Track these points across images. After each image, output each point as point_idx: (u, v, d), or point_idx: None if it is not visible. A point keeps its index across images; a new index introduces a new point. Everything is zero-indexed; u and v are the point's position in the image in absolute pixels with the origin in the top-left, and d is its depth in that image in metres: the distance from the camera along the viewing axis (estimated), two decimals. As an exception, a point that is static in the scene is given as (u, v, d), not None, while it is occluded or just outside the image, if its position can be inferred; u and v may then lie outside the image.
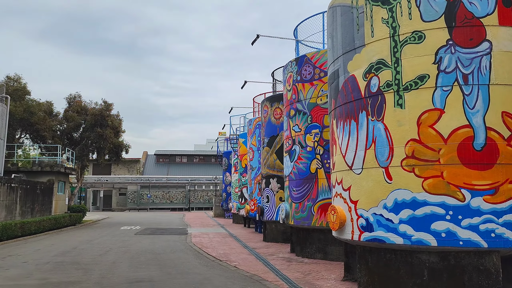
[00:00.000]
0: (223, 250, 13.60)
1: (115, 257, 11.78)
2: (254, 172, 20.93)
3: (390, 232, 6.88)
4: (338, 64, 8.31)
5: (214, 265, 10.45)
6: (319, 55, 11.79)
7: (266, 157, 16.81)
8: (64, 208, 25.65)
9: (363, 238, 7.29)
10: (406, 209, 6.74)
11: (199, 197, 67.28)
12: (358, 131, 7.57)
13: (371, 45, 7.48)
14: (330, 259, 11.11)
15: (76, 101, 28.84)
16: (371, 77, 7.42)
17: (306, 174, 11.67)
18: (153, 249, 13.68)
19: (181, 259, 11.49)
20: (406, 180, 6.79)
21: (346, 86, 7.96)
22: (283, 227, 15.97)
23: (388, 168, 7.01)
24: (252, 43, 14.17)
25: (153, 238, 17.88)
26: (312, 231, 11.58)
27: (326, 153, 11.32)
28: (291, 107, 12.48)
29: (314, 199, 11.37)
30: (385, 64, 7.24)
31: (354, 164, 7.62)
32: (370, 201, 7.23)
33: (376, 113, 7.28)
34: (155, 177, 66.25)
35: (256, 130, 21.12)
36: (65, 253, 12.56)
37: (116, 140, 29.06)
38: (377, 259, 7.28)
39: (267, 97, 17.44)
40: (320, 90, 11.63)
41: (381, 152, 7.14)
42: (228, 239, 17.68)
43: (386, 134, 7.10)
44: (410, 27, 7.03)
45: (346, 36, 8.05)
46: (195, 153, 78.91)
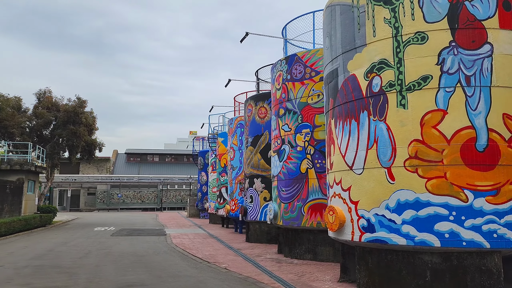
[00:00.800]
0: (208, 251, 13.31)
1: (96, 260, 11.30)
2: (235, 171, 20.70)
3: (392, 233, 6.85)
4: (337, 63, 8.22)
5: (203, 267, 10.17)
6: (310, 54, 11.71)
7: (250, 157, 16.63)
8: (34, 209, 24.57)
9: (364, 239, 7.23)
10: (409, 210, 6.72)
11: (172, 197, 66.29)
12: (359, 131, 7.50)
13: (373, 44, 7.43)
14: (320, 260, 11.05)
15: (46, 97, 27.70)
16: (373, 77, 7.38)
17: (296, 174, 11.56)
18: (134, 251, 13.23)
19: (167, 261, 11.14)
20: (409, 180, 6.77)
21: (346, 86, 7.89)
22: (267, 227, 15.83)
23: (391, 168, 6.97)
24: (241, 40, 13.94)
25: (131, 239, 17.34)
26: (302, 232, 11.48)
27: (317, 153, 11.26)
28: (280, 106, 12.34)
29: (304, 199, 11.27)
30: (387, 64, 7.20)
31: (354, 164, 7.55)
32: (371, 201, 7.18)
33: (378, 113, 7.23)
34: (126, 176, 64.79)
35: (237, 129, 20.89)
36: (42, 256, 11.94)
37: (89, 138, 28.11)
38: (377, 260, 7.23)
39: (251, 96, 17.26)
40: (311, 89, 11.55)
41: (383, 152, 7.09)
42: (210, 239, 17.38)
43: (388, 134, 7.06)
44: (413, 28, 7.02)
45: (346, 35, 7.98)
46: (167, 152, 77.77)
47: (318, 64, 11.53)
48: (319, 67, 11.51)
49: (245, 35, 13.41)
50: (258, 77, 18.25)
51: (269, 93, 16.40)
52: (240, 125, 20.76)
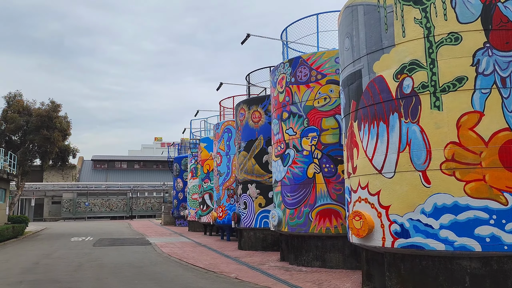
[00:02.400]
0: (206, 260, 12.76)
1: (94, 272, 10.53)
2: (222, 177, 20.19)
3: (430, 238, 6.65)
4: (360, 64, 8.01)
5: (212, 278, 9.66)
6: (315, 56, 11.49)
7: (243, 162, 16.21)
8: (5, 219, 23.05)
9: (398, 245, 7.00)
10: (447, 214, 6.54)
11: (142, 205, 64.55)
12: (389, 133, 7.30)
13: (403, 45, 7.27)
14: (329, 267, 10.76)
15: (17, 101, 26.20)
16: (403, 78, 7.20)
17: (302, 179, 11.26)
18: (129, 262, 12.49)
19: (170, 272, 10.53)
20: (446, 184, 6.60)
21: (372, 87, 7.68)
22: (262, 234, 15.43)
23: (426, 171, 6.79)
24: (242, 42, 13.57)
25: (117, 249, 16.48)
26: (309, 238, 11.17)
27: (325, 157, 11.00)
28: (283, 110, 12.04)
29: (312, 204, 10.98)
30: (419, 65, 7.04)
31: (384, 167, 7.32)
32: (404, 206, 6.97)
33: (410, 115, 7.05)
34: (94, 184, 62.61)
35: (224, 134, 20.42)
36: (31, 270, 11.03)
37: (63, 144, 26.78)
38: (411, 267, 7.01)
39: (244, 100, 16.87)
40: (318, 92, 11.32)
41: (417, 155, 6.90)
42: (200, 248, 16.78)
43: (422, 136, 6.88)
44: (446, 28, 6.90)
45: (371, 35, 7.78)
46: (135, 158, 75.86)
47: (325, 67, 11.33)
48: (325, 70, 11.31)
49: (246, 36, 13.06)
50: (248, 81, 17.90)
51: (263, 97, 16.09)
52: (227, 129, 20.30)
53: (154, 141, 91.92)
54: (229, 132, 20.20)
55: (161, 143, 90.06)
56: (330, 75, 11.25)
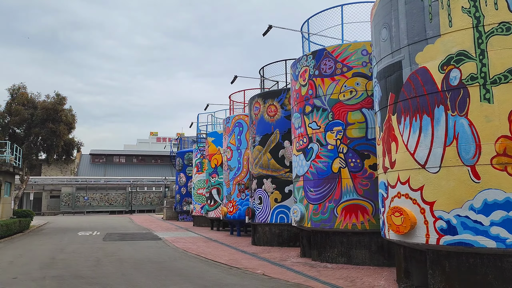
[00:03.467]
0: (225, 256, 12.52)
1: (115, 268, 10.26)
2: (233, 172, 19.92)
3: (479, 235, 6.43)
4: (400, 55, 7.75)
5: (240, 274, 9.42)
6: (341, 49, 11.21)
7: (258, 156, 15.95)
8: (10, 213, 22.67)
9: (444, 242, 6.78)
10: (499, 210, 6.32)
11: (141, 199, 64.26)
12: (434, 126, 7.05)
13: (449, 35, 7.01)
14: (355, 263, 10.55)
15: (21, 93, 25.73)
16: (450, 70, 6.95)
17: (327, 174, 11.02)
18: (147, 257, 12.23)
19: (194, 268, 10.28)
20: (497, 179, 6.37)
21: (415, 79, 7.42)
22: (278, 230, 15.21)
23: (475, 166, 6.55)
24: (263, 34, 13.24)
25: (129, 244, 16.21)
26: (333, 234, 10.95)
27: (351, 151, 10.76)
28: (306, 103, 11.77)
29: (337, 200, 10.75)
30: (467, 55, 6.79)
31: (428, 162, 7.08)
32: (451, 202, 6.74)
33: (458, 107, 6.81)
34: (93, 178, 62.26)
35: (235, 128, 20.13)
36: (51, 265, 10.74)
37: (68, 138, 26.38)
38: (457, 264, 6.79)
39: (259, 94, 16.58)
40: (343, 85, 11.05)
41: (465, 149, 6.67)
42: (212, 243, 16.54)
43: (471, 130, 6.65)
44: (497, 18, 6.65)
45: (413, 25, 7.52)
46: (134, 153, 75.42)
47: (351, 59, 11.05)
48: (351, 62, 11.04)
49: (268, 28, 12.75)
50: (262, 75, 17.60)
51: (279, 91, 15.82)
52: (238, 123, 20.02)
53: (150, 136, 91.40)
54: (240, 126, 19.92)
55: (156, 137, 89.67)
56: (356, 68, 10.99)
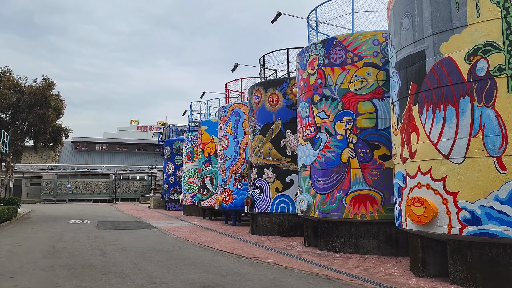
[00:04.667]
0: (228, 245, 12.42)
1: (122, 256, 10.04)
2: (229, 161, 19.75)
3: (504, 226, 6.48)
4: (423, 45, 7.70)
5: (251, 263, 9.33)
6: (352, 38, 11.11)
7: (258, 146, 15.82)
8: (-3, 200, 22.03)
9: (467, 232, 6.82)
10: (524, 201, 6.37)
11: (125, 188, 63.41)
12: (459, 117, 7.05)
13: (477, 25, 6.97)
14: (363, 253, 10.59)
15: (7, 77, 24.84)
16: (477, 60, 6.93)
17: (336, 164, 10.98)
18: (151, 246, 12.02)
19: (203, 257, 10.15)
20: (524, 170, 6.41)
21: (439, 69, 7.39)
22: (278, 219, 15.17)
23: (501, 157, 6.58)
24: (272, 21, 13.00)
25: (127, 233, 15.94)
26: (341, 224, 10.95)
27: (360, 141, 10.73)
28: (315, 92, 11.66)
29: (346, 190, 10.73)
30: (496, 46, 6.78)
31: (452, 152, 7.09)
32: (476, 192, 6.77)
33: (485, 98, 6.81)
34: (76, 166, 61.21)
35: (231, 117, 19.91)
36: (55, 254, 10.44)
37: (55, 124, 25.67)
38: (479, 254, 6.85)
39: (259, 82, 16.39)
40: (354, 75, 10.97)
41: (491, 140, 6.68)
42: (210, 232, 16.42)
43: (498, 121, 6.66)
44: (526, 9, 6.64)
45: (438, 15, 7.46)
46: (117, 141, 74.32)
47: (362, 49, 10.97)
48: (362, 52, 10.96)
49: (277, 15, 12.53)
50: (262, 64, 17.39)
51: (281, 80, 15.67)
52: (235, 112, 19.81)
53: (131, 124, 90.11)
54: (237, 115, 19.72)
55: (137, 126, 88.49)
56: (367, 58, 10.92)
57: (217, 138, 23.41)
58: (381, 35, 10.93)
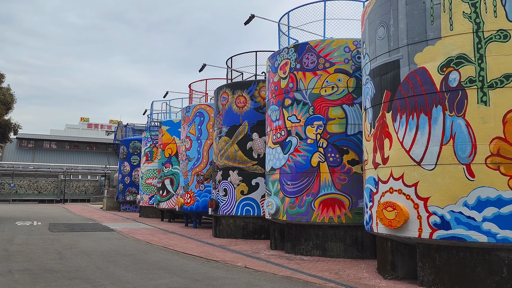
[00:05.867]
0: (195, 248, 12.19)
1: (85, 260, 9.55)
2: (191, 163, 19.44)
3: (472, 230, 6.79)
4: (398, 54, 7.95)
5: (222, 267, 9.19)
6: (324, 44, 11.28)
7: (224, 148, 15.68)
8: None
9: (437, 237, 7.08)
10: (491, 207, 6.71)
11: (74, 188, 60.77)
12: (431, 125, 7.32)
13: (450, 38, 7.29)
14: (330, 256, 10.75)
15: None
16: (449, 71, 7.24)
17: (305, 168, 11.08)
18: (113, 249, 11.54)
19: (171, 260, 9.87)
20: (491, 178, 6.76)
21: (413, 78, 7.65)
22: (243, 222, 15.09)
23: (470, 165, 6.90)
24: (245, 23, 12.89)
25: (83, 235, 15.23)
26: (309, 227, 11.06)
27: (330, 146, 10.90)
28: (286, 96, 11.73)
29: (315, 193, 10.85)
30: (467, 59, 7.12)
31: (424, 159, 7.35)
32: (446, 198, 7.05)
33: (456, 108, 7.12)
34: (21, 164, 58.00)
35: (195, 118, 19.63)
36: (9, 258, 9.74)
37: (4, 119, 24.13)
38: (447, 257, 7.14)
39: (227, 84, 16.27)
40: (325, 81, 11.14)
41: (461, 148, 7.00)
42: (172, 235, 16.06)
43: (468, 130, 6.98)
44: (495, 25, 7.02)
45: (413, 26, 7.73)
46: (67, 139, 71.24)
47: (333, 55, 11.17)
48: (334, 58, 11.16)
49: (251, 17, 12.47)
50: (229, 66, 17.27)
51: (249, 82, 15.64)
52: (199, 113, 19.55)
53: (80, 121, 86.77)
54: (202, 116, 19.48)
55: (87, 123, 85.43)
56: (338, 64, 11.13)
57: (178, 139, 23.01)
58: (352, 42, 11.19)
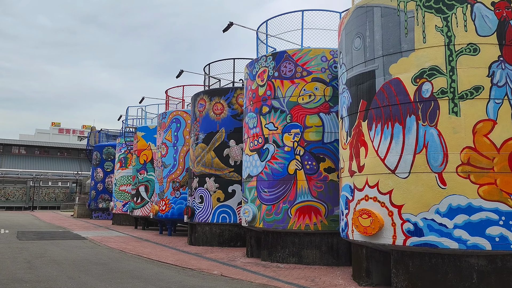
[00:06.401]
0: (169, 256, 12.02)
1: (56, 270, 9.27)
2: (167, 169, 19.23)
3: (443, 237, 6.98)
4: (374, 65, 8.14)
5: (198, 275, 9.10)
6: (301, 53, 11.43)
7: (201, 154, 15.60)
8: None
9: (410, 243, 7.24)
10: (462, 215, 6.92)
11: (44, 195, 59.07)
12: (405, 134, 7.51)
13: (423, 50, 7.53)
14: (305, 263, 10.80)
15: None
16: (422, 82, 7.46)
17: (282, 175, 11.14)
18: (84, 258, 11.25)
19: (146, 269, 9.70)
20: (461, 186, 6.98)
21: (388, 89, 7.85)
22: (219, 229, 15.01)
23: (442, 173, 7.11)
24: (224, 30, 12.90)
25: (53, 244, 14.80)
26: (285, 235, 11.10)
27: (307, 154, 11.01)
28: (263, 104, 11.80)
29: (292, 201, 10.92)
30: (439, 71, 7.36)
31: (398, 167, 7.52)
32: (419, 205, 7.23)
33: (429, 118, 7.33)
34: (-12, 169, 56.11)
35: (172, 124, 19.47)
36: (-29, 267, 9.37)
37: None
38: (420, 264, 7.30)
39: (205, 91, 16.24)
40: (302, 89, 11.27)
41: (434, 157, 7.20)
42: (146, 243, 15.80)
43: (440, 140, 7.20)
44: (466, 39, 7.30)
45: (388, 38, 7.94)
46: (37, 144, 69.40)
47: (311, 64, 11.33)
48: (311, 67, 11.31)
49: (229, 24, 12.50)
50: (206, 73, 17.25)
51: (226, 89, 15.66)
52: (176, 119, 19.41)
53: (51, 126, 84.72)
54: (178, 122, 19.35)
55: (59, 128, 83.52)
56: (315, 73, 11.29)
57: (154, 145, 22.73)
58: (329, 52, 11.39)
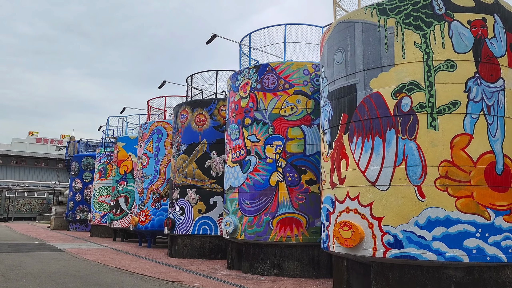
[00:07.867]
0: (149, 269, 11.83)
1: (32, 283, 8.99)
2: (148, 180, 19.01)
3: (422, 249, 7.08)
4: (355, 79, 8.29)
5: (176, 287, 8.98)
6: (284, 66, 11.56)
7: (182, 166, 15.50)
8: None
9: (390, 255, 7.32)
10: (440, 227, 7.05)
11: (19, 206, 57.49)
12: (385, 147, 7.64)
13: (402, 66, 7.71)
14: (287, 275, 10.77)
15: None
16: (402, 97, 7.63)
17: (264, 187, 11.15)
18: (61, 271, 10.97)
19: (125, 282, 9.51)
20: (440, 198, 7.12)
21: (369, 102, 7.99)
22: (200, 241, 14.87)
23: (421, 186, 7.25)
24: (207, 42, 12.93)
25: (29, 256, 14.39)
26: (266, 247, 11.07)
27: (289, 166, 11.06)
28: (246, 115, 11.84)
29: (273, 213, 10.92)
30: (418, 86, 7.54)
31: (378, 180, 7.63)
32: (399, 218, 7.33)
33: (408, 132, 7.49)
34: (-39, 179, 54.51)
35: (153, 134, 19.31)
36: None
37: None
38: (399, 276, 7.38)
39: (186, 102, 16.20)
40: (285, 101, 11.37)
41: (413, 170, 7.34)
42: (125, 255, 15.52)
43: (419, 153, 7.35)
44: (444, 55, 7.53)
45: (369, 53, 8.12)
46: (13, 153, 67.79)
47: (293, 77, 11.46)
48: (294, 80, 11.44)
49: (212, 36, 12.56)
50: (189, 84, 17.24)
51: (209, 100, 15.67)
52: (157, 130, 19.26)
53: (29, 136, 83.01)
54: (159, 133, 19.21)
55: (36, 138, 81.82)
56: (298, 86, 11.41)
57: (135, 156, 22.48)
58: (311, 65, 11.54)
